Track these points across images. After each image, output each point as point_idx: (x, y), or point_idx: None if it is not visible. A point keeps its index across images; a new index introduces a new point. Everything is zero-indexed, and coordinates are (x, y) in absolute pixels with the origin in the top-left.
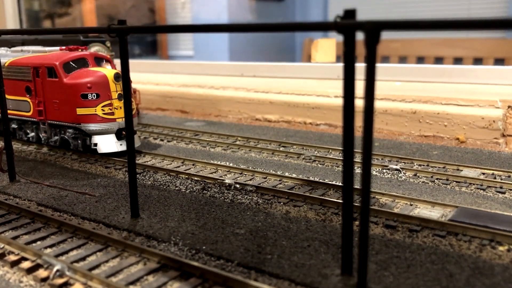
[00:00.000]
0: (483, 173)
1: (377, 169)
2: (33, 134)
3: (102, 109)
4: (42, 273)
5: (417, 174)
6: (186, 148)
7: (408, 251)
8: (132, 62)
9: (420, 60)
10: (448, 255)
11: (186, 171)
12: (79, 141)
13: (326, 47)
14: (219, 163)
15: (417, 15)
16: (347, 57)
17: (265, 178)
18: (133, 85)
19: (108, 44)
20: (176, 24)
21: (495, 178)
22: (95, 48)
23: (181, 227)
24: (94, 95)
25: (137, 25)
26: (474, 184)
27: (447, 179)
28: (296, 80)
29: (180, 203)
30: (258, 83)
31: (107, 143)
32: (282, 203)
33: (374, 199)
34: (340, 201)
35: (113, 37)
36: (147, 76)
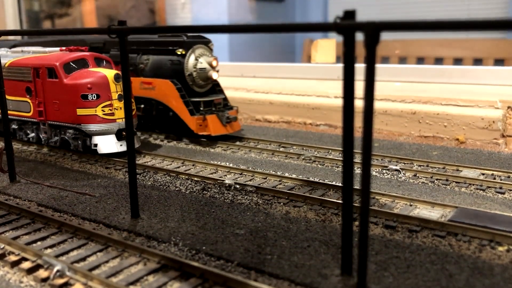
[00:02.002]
0: (483, 174)
1: (377, 170)
2: (33, 134)
3: (102, 110)
4: (42, 273)
5: (417, 175)
6: (186, 148)
7: (408, 251)
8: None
9: (420, 60)
10: (448, 255)
11: (186, 172)
12: (79, 142)
13: (326, 47)
14: (219, 163)
15: (417, 16)
16: (347, 58)
17: (265, 178)
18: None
19: (212, 46)
20: (176, 24)
21: (494, 178)
22: (199, 51)
23: (181, 227)
24: (94, 96)
25: (137, 26)
26: (473, 184)
27: (447, 180)
28: (296, 81)
29: (180, 203)
30: (258, 83)
31: (107, 144)
32: (282, 204)
33: (374, 199)
34: (340, 201)
35: (113, 37)
36: None
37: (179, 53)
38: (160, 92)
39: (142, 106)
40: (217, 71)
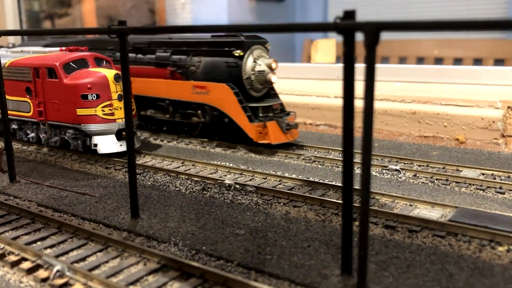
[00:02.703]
0: (483, 174)
1: (377, 170)
2: (33, 134)
3: (102, 110)
4: (42, 273)
5: (417, 175)
6: (186, 148)
7: (408, 251)
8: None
9: (420, 60)
10: (448, 255)
11: (186, 172)
12: (79, 142)
13: (326, 47)
14: (219, 163)
15: (417, 16)
16: (347, 58)
17: (265, 178)
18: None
19: (269, 46)
20: (176, 24)
21: (494, 178)
22: (257, 52)
23: (181, 227)
24: (94, 96)
25: (137, 26)
26: (473, 184)
27: (447, 180)
28: (296, 81)
29: (180, 203)
30: None
31: (107, 144)
32: (282, 204)
33: (374, 199)
34: (340, 201)
35: (113, 37)
36: None
37: (236, 54)
38: (215, 97)
39: (192, 111)
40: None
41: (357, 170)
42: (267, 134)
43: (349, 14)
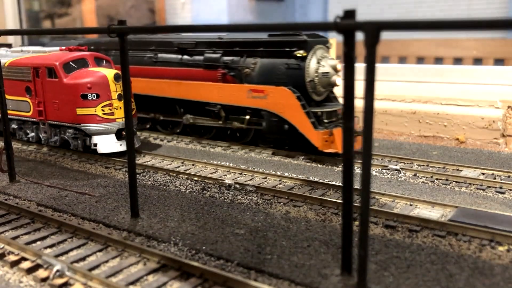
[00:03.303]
0: (483, 173)
1: (377, 169)
2: (33, 134)
3: (102, 109)
4: (42, 273)
5: (417, 174)
6: (186, 148)
7: (408, 251)
8: None
9: (420, 60)
10: (448, 255)
11: (186, 171)
12: (79, 141)
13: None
14: (219, 163)
15: (417, 16)
16: (347, 57)
17: (265, 178)
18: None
19: (330, 46)
20: (176, 24)
21: (494, 178)
22: (320, 52)
23: (181, 227)
24: (94, 95)
25: (137, 26)
26: (473, 184)
27: (447, 179)
28: None
29: (180, 203)
30: None
31: (107, 143)
32: (282, 203)
33: (374, 199)
34: (340, 201)
35: (113, 37)
36: None
37: (299, 55)
38: (274, 101)
39: (248, 117)
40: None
41: (357, 170)
42: (333, 142)
43: (349, 14)
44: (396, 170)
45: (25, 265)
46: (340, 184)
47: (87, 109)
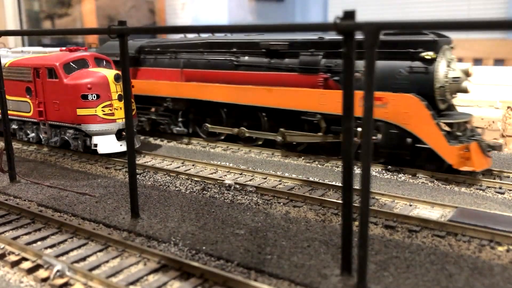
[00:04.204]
0: (483, 174)
1: (377, 170)
2: (33, 134)
3: (102, 110)
4: (42, 273)
5: (417, 175)
6: (186, 148)
7: (408, 251)
8: None
9: None
10: (448, 255)
11: (186, 172)
12: (79, 142)
13: None
14: (219, 163)
15: (417, 16)
16: (347, 58)
17: (265, 178)
18: None
19: (453, 46)
20: (176, 25)
21: (494, 178)
22: (448, 54)
23: (181, 227)
24: (94, 96)
25: (137, 26)
26: (473, 184)
27: (447, 180)
28: None
29: (180, 203)
30: None
31: (107, 144)
32: (282, 204)
33: (374, 199)
34: (340, 201)
35: (113, 37)
36: None
37: (428, 57)
38: (396, 110)
39: (360, 129)
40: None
41: (357, 170)
42: (469, 158)
43: (349, 14)
44: (396, 170)
45: (26, 265)
46: (340, 185)
47: (87, 110)
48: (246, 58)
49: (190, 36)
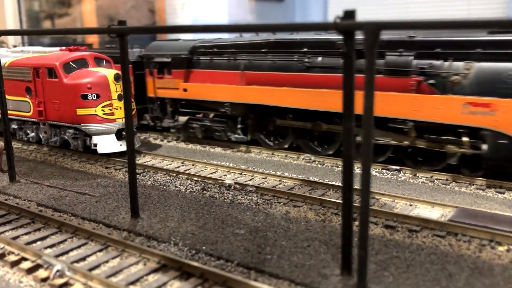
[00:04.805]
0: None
1: (377, 169)
2: (33, 134)
3: (102, 110)
4: (42, 273)
5: (417, 174)
6: (186, 148)
7: (408, 251)
8: None
9: None
10: (448, 255)
11: (186, 171)
12: (79, 141)
13: None
14: (219, 163)
15: (417, 15)
16: (347, 57)
17: (265, 178)
18: None
19: None
20: (176, 24)
21: (494, 178)
22: None
23: (181, 227)
24: (94, 96)
25: (137, 26)
26: (473, 184)
27: (447, 179)
28: None
29: (180, 203)
30: None
31: (107, 143)
32: (282, 203)
33: (374, 199)
34: (340, 201)
35: (113, 37)
36: None
37: None
38: (507, 118)
39: (466, 139)
40: None
41: (357, 170)
42: None
43: (349, 14)
44: (396, 170)
45: (25, 265)
46: (340, 184)
47: (87, 109)
48: (320, 59)
49: (246, 35)
